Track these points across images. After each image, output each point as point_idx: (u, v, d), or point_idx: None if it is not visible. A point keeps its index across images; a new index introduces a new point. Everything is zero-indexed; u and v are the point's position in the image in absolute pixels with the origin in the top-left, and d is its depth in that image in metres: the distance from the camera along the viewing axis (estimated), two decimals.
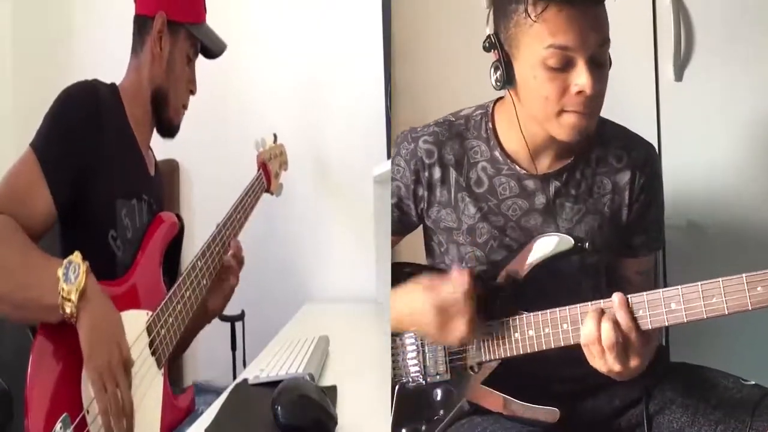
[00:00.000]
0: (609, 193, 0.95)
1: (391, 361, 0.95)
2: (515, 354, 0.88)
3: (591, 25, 0.83)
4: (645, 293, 0.78)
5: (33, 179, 1.02)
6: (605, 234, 0.95)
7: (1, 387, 1.07)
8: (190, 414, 1.15)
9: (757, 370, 0.98)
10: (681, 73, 1.32)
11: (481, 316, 0.87)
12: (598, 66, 0.84)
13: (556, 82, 0.84)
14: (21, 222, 0.99)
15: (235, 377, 1.50)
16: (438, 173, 0.95)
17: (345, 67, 1.97)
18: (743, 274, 0.74)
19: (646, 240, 0.98)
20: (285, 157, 1.75)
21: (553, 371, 0.93)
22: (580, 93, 0.83)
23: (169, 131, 1.31)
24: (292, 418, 0.84)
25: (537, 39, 0.84)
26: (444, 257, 0.98)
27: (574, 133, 0.87)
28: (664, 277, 1.16)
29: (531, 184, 0.93)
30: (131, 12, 1.28)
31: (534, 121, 0.90)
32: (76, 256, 0.94)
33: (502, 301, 0.89)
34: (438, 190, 0.96)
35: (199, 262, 1.21)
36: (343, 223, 1.99)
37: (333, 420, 0.87)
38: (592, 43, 0.83)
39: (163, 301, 1.11)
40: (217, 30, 1.40)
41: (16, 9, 2.06)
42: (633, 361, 0.79)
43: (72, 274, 0.91)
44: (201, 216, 1.97)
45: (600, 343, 0.78)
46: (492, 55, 0.90)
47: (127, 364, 0.94)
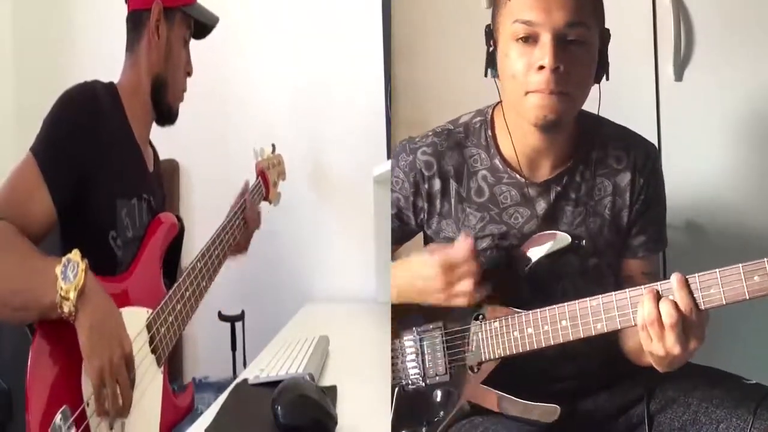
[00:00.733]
0: (610, 195, 0.94)
1: (391, 364, 0.95)
2: (514, 352, 0.88)
3: (559, 3, 0.83)
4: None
5: (33, 184, 1.02)
6: (606, 236, 0.95)
7: (1, 387, 1.07)
8: (190, 412, 1.15)
9: (758, 369, 0.98)
10: (681, 73, 1.32)
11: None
12: (571, 44, 0.84)
13: (523, 59, 0.85)
14: (21, 226, 0.98)
15: (235, 377, 1.50)
16: (438, 185, 0.94)
17: (345, 67, 1.97)
18: (740, 264, 0.74)
19: (646, 240, 0.97)
20: (283, 167, 1.76)
21: (552, 369, 0.93)
22: (541, 69, 0.83)
23: (169, 117, 1.30)
24: (292, 418, 0.84)
25: (509, 15, 0.86)
26: None
27: (538, 114, 0.85)
28: (665, 277, 1.16)
29: (532, 191, 0.93)
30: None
31: (514, 112, 0.90)
32: (75, 254, 0.93)
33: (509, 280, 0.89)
34: (438, 202, 0.95)
35: (199, 264, 1.22)
36: (343, 223, 1.99)
37: (333, 420, 0.87)
38: (558, 21, 0.83)
39: (164, 300, 1.11)
40: (217, 30, 1.40)
41: (16, 9, 2.05)
42: (692, 343, 0.77)
43: (70, 272, 0.91)
44: (201, 216, 1.96)
45: (660, 324, 0.76)
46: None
47: (129, 360, 0.94)
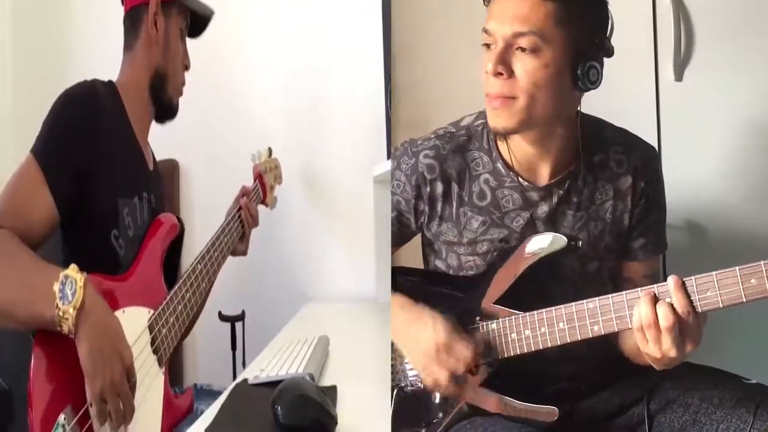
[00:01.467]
0: (611, 199, 0.94)
1: (391, 365, 0.95)
2: (512, 354, 0.88)
3: (513, 10, 0.84)
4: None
5: (35, 185, 1.02)
6: (608, 240, 0.95)
7: (2, 387, 1.07)
8: (190, 413, 1.15)
9: (758, 368, 0.98)
10: (681, 73, 1.32)
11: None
12: (523, 52, 0.84)
13: (486, 66, 0.87)
14: (24, 228, 0.99)
15: (235, 377, 1.50)
16: (440, 188, 0.94)
17: (345, 66, 1.97)
18: (736, 267, 0.74)
19: (647, 243, 0.97)
20: (279, 170, 1.77)
21: (551, 370, 0.93)
22: (486, 74, 0.86)
23: (169, 112, 1.30)
24: (292, 418, 0.84)
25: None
26: (443, 264, 0.98)
27: (495, 118, 0.87)
28: (664, 279, 1.16)
29: (534, 195, 0.93)
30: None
31: None
32: (73, 270, 0.91)
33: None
34: (439, 205, 0.95)
35: (199, 266, 1.23)
36: (343, 223, 1.99)
37: (333, 420, 0.87)
38: (508, 30, 0.84)
39: (165, 301, 1.11)
40: (217, 30, 1.40)
41: (15, 9, 2.05)
42: (689, 346, 0.77)
43: (69, 290, 0.89)
44: (201, 216, 1.97)
45: (657, 327, 0.77)
46: None
47: (129, 372, 0.94)
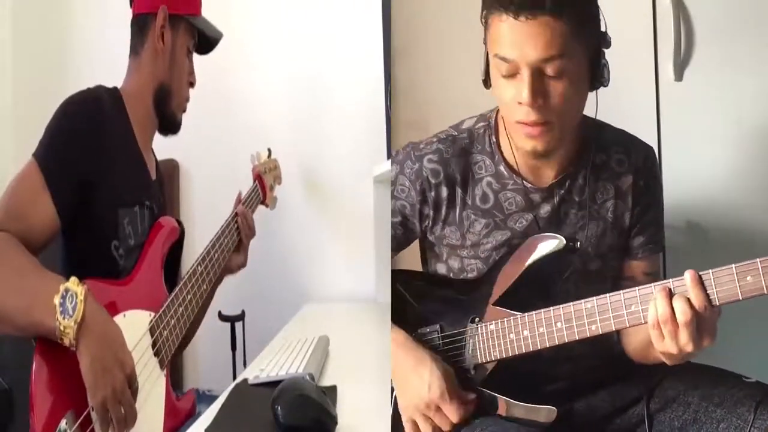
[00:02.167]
0: (612, 199, 0.95)
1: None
2: (511, 355, 0.88)
3: (532, 36, 0.81)
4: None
5: (36, 190, 1.02)
6: (609, 239, 0.95)
7: (2, 387, 1.07)
8: (192, 417, 1.15)
9: (758, 367, 0.98)
10: (681, 73, 1.32)
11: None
12: (552, 78, 0.83)
13: (509, 89, 0.85)
14: (24, 233, 0.98)
15: (235, 377, 1.50)
16: (444, 192, 0.94)
17: (345, 66, 1.97)
18: (732, 265, 0.74)
19: (647, 241, 0.98)
20: (279, 171, 1.77)
21: (549, 370, 0.93)
22: (521, 104, 0.84)
23: (172, 127, 1.31)
24: (292, 418, 0.84)
25: (491, 48, 0.86)
26: (444, 267, 0.98)
27: (527, 147, 0.87)
28: (664, 278, 1.16)
29: (537, 196, 0.93)
30: (131, 12, 1.28)
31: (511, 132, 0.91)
32: (73, 283, 0.90)
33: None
34: (444, 209, 0.95)
35: (199, 267, 1.23)
36: (343, 223, 1.99)
37: (333, 420, 0.87)
38: (532, 57, 0.82)
39: (166, 303, 1.11)
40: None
41: (16, 9, 2.05)
42: (705, 340, 0.76)
43: (69, 304, 0.88)
44: (201, 216, 1.97)
45: (674, 322, 0.76)
46: None
47: (131, 378, 0.94)
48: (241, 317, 1.77)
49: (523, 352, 0.87)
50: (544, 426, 0.86)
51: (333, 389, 1.04)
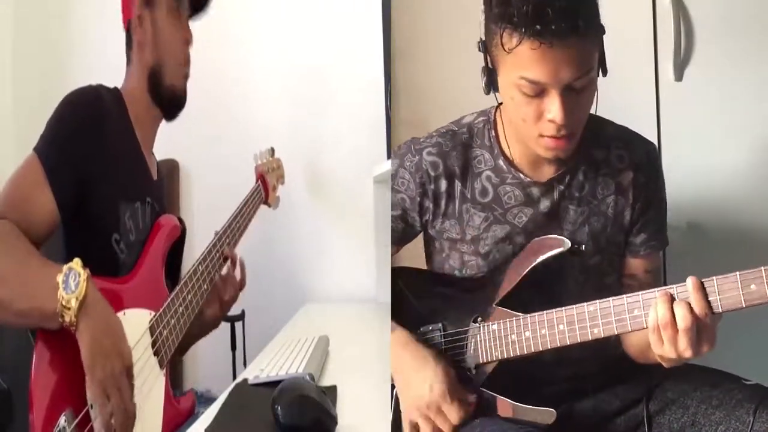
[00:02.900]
0: (612, 194, 0.95)
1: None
2: (512, 356, 0.88)
3: (565, 60, 0.81)
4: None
5: (36, 183, 1.02)
6: (609, 235, 0.95)
7: (2, 388, 1.07)
8: (191, 417, 1.15)
9: (757, 369, 0.98)
10: (681, 73, 1.32)
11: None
12: (577, 91, 0.83)
13: (531, 107, 0.85)
14: (24, 226, 0.98)
15: (235, 377, 1.50)
16: (444, 185, 0.95)
17: (345, 66, 1.97)
18: (737, 272, 0.74)
19: (648, 238, 0.98)
20: (282, 171, 1.77)
21: (551, 371, 0.93)
22: (552, 121, 0.84)
23: (175, 100, 1.27)
24: (292, 418, 0.84)
25: (512, 68, 0.84)
26: (445, 263, 0.98)
27: (554, 154, 0.88)
28: (664, 278, 1.16)
29: (536, 191, 0.94)
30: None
31: (524, 143, 0.91)
32: (76, 264, 0.92)
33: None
34: (443, 202, 0.95)
35: (200, 267, 1.23)
36: (343, 223, 1.99)
37: (333, 420, 0.87)
38: (566, 78, 0.82)
39: (166, 302, 1.11)
40: (217, 30, 1.39)
41: (16, 9, 2.06)
42: (705, 346, 0.77)
43: (72, 281, 0.90)
44: (201, 216, 1.97)
45: (673, 327, 0.76)
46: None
47: (129, 371, 0.94)
48: (241, 317, 1.77)
49: (525, 353, 0.87)
50: (544, 427, 0.86)
51: (333, 389, 1.04)
